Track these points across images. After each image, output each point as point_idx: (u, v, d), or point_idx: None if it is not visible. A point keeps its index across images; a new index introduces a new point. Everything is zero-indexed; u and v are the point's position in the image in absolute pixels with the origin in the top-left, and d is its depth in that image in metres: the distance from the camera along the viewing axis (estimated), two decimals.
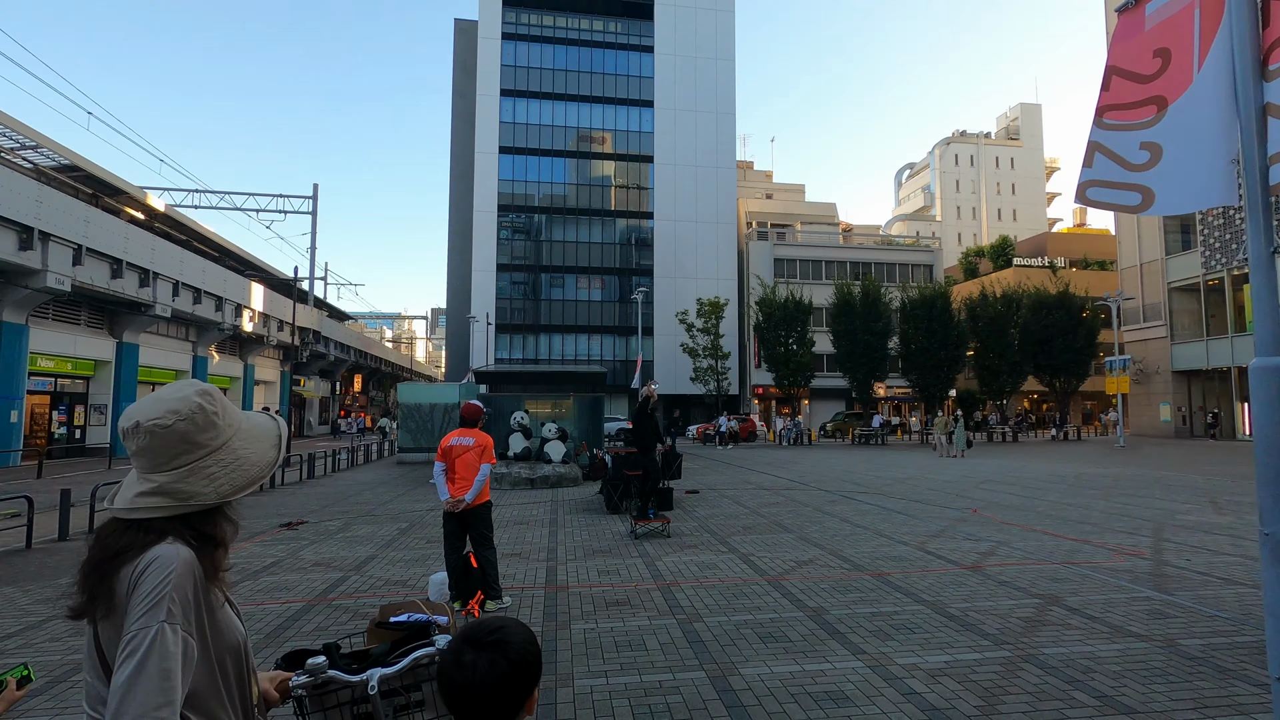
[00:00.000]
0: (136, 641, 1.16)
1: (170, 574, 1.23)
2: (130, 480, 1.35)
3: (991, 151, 71.11)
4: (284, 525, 9.66)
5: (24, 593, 6.26)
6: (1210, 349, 32.22)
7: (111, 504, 1.35)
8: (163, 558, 1.24)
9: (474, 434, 5.61)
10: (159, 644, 1.17)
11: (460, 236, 45.56)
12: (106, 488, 11.62)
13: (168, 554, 1.25)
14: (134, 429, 1.30)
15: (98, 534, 1.31)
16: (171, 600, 1.21)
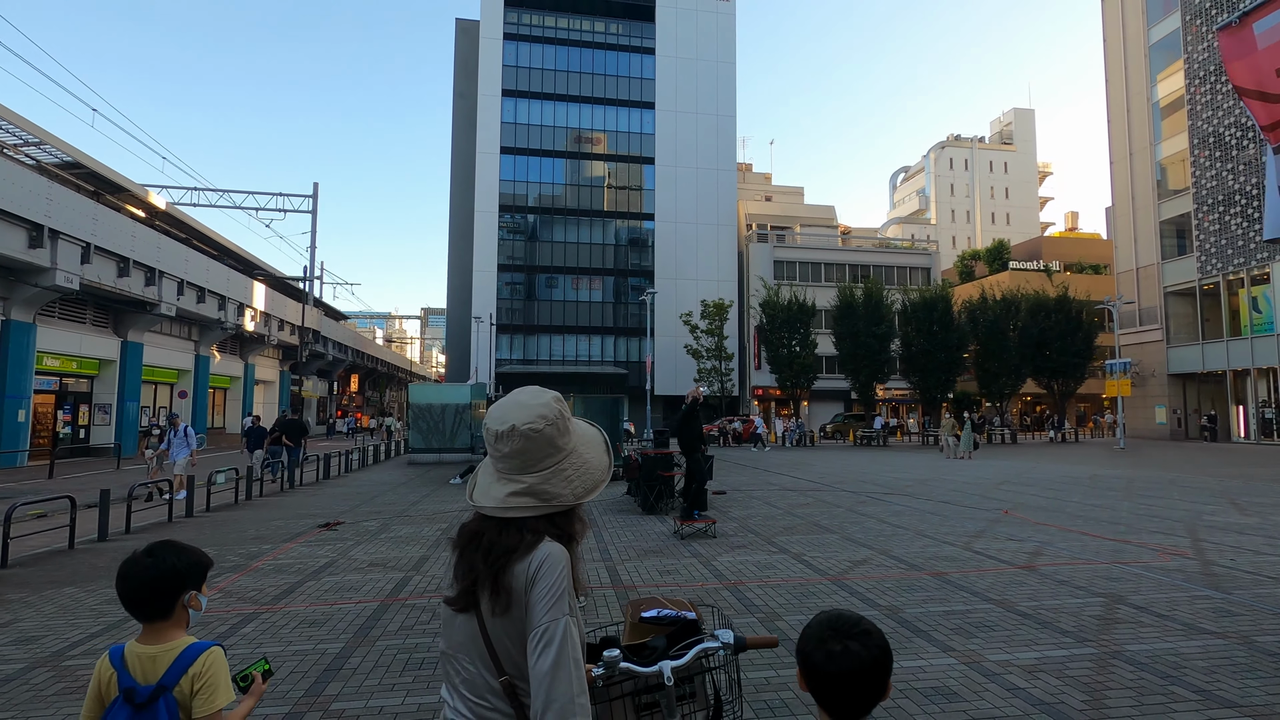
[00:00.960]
0: (550, 633, 1.24)
1: (563, 570, 1.30)
2: (489, 481, 1.42)
3: (985, 156, 71.78)
4: (322, 526, 9.66)
5: (88, 593, 6.25)
6: (1206, 352, 32.72)
7: (473, 501, 1.42)
8: (553, 555, 1.32)
9: None
10: (569, 635, 1.25)
11: (461, 237, 45.46)
12: (142, 487, 11.53)
13: (556, 551, 1.33)
14: (509, 432, 1.37)
15: (474, 532, 1.38)
16: (570, 594, 1.29)
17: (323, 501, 12.66)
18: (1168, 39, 35.06)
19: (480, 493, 1.41)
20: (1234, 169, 30.74)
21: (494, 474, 1.42)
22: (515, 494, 1.36)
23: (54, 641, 4.89)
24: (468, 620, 1.34)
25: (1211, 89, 31.90)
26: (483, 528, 1.37)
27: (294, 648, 4.69)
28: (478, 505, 1.40)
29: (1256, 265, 29.87)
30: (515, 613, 1.28)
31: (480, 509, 1.39)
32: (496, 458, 1.40)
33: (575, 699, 1.21)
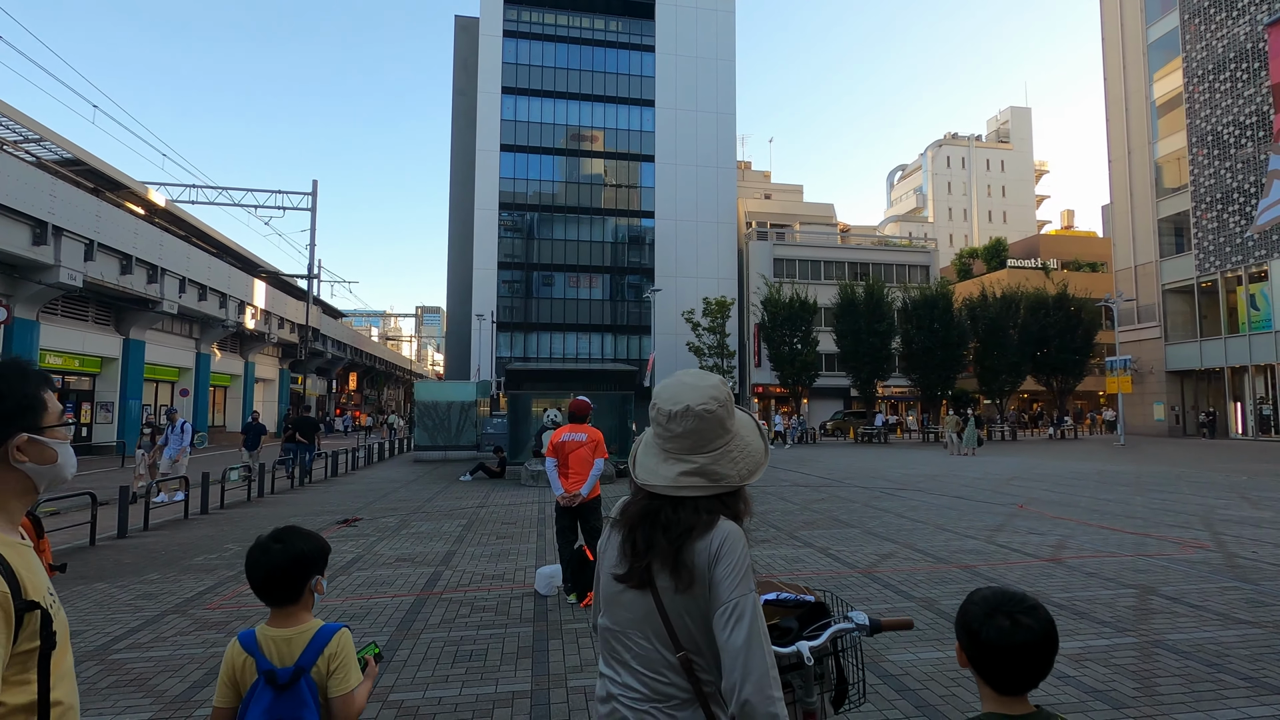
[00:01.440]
0: (740, 608, 1.26)
1: (744, 548, 1.33)
2: (655, 461, 1.43)
3: (982, 154, 71.99)
4: (340, 522, 9.66)
5: (120, 588, 6.25)
6: (1204, 350, 32.93)
7: (639, 479, 1.44)
8: (733, 533, 1.34)
9: (586, 429, 5.69)
10: (756, 609, 1.27)
11: (460, 234, 45.36)
12: (165, 480, 11.46)
13: (735, 530, 1.35)
14: (684, 412, 1.39)
15: (645, 511, 1.39)
16: (751, 571, 1.32)
17: (336, 498, 12.65)
18: (1166, 38, 35.24)
19: (647, 472, 1.43)
20: (1232, 167, 30.93)
21: (661, 454, 1.43)
22: (686, 473, 1.38)
23: (96, 636, 4.89)
24: (641, 597, 1.36)
25: (1210, 87, 32.08)
26: (655, 506, 1.39)
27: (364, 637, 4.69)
28: (647, 484, 1.41)
29: (1255, 263, 30.08)
30: (697, 590, 1.30)
31: (651, 487, 1.40)
32: (666, 437, 1.42)
33: (769, 671, 1.23)
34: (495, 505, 11.34)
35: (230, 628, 5.01)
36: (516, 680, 3.98)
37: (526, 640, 4.65)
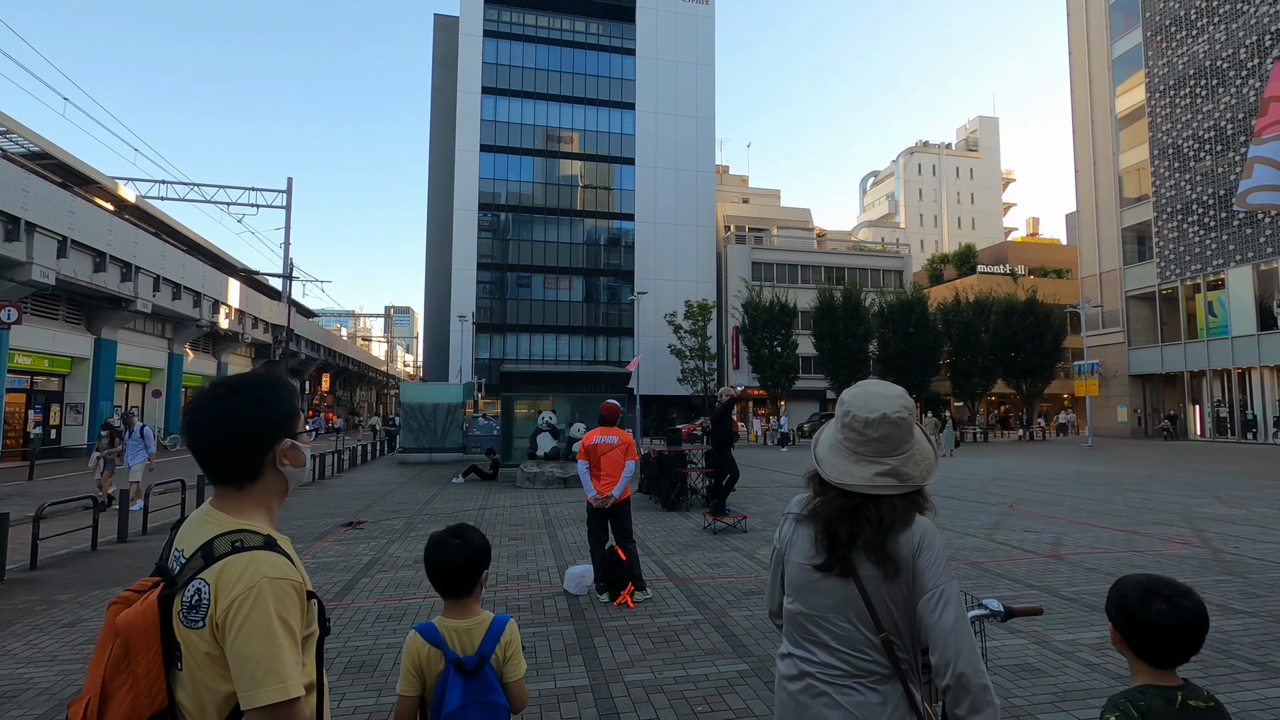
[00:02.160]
0: (946, 594, 1.42)
1: (941, 540, 1.49)
2: (846, 462, 1.58)
3: (952, 162, 73.69)
4: (346, 525, 9.62)
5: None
6: (1164, 354, 34.22)
7: (834, 479, 1.58)
8: (930, 528, 1.50)
9: (617, 432, 5.82)
10: (958, 595, 1.44)
11: (439, 235, 44.99)
12: (169, 484, 11.10)
13: (930, 525, 1.51)
14: (880, 419, 1.54)
15: (845, 508, 1.53)
16: (949, 561, 1.48)
17: (331, 501, 12.54)
18: (1130, 53, 36.57)
19: (840, 472, 1.58)
20: (1191, 179, 32.22)
21: (853, 455, 1.58)
22: (881, 474, 1.53)
23: None
24: (842, 584, 1.51)
25: (1171, 102, 33.39)
26: (854, 503, 1.53)
27: (384, 640, 4.76)
28: (843, 483, 1.56)
29: (1213, 271, 31.38)
30: (902, 578, 1.46)
31: (849, 486, 1.55)
32: (860, 441, 1.57)
33: (975, 648, 1.39)
34: (497, 507, 11.38)
35: None
36: (572, 676, 4.09)
37: (571, 638, 4.76)
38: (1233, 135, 30.18)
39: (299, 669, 1.21)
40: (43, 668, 4.33)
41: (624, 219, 45.33)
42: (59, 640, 4.87)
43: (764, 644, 4.58)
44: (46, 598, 6.04)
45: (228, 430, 1.31)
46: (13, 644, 4.81)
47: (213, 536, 1.27)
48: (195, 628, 1.20)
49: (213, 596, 1.20)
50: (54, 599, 6.00)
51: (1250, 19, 29.50)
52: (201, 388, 1.39)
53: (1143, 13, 35.06)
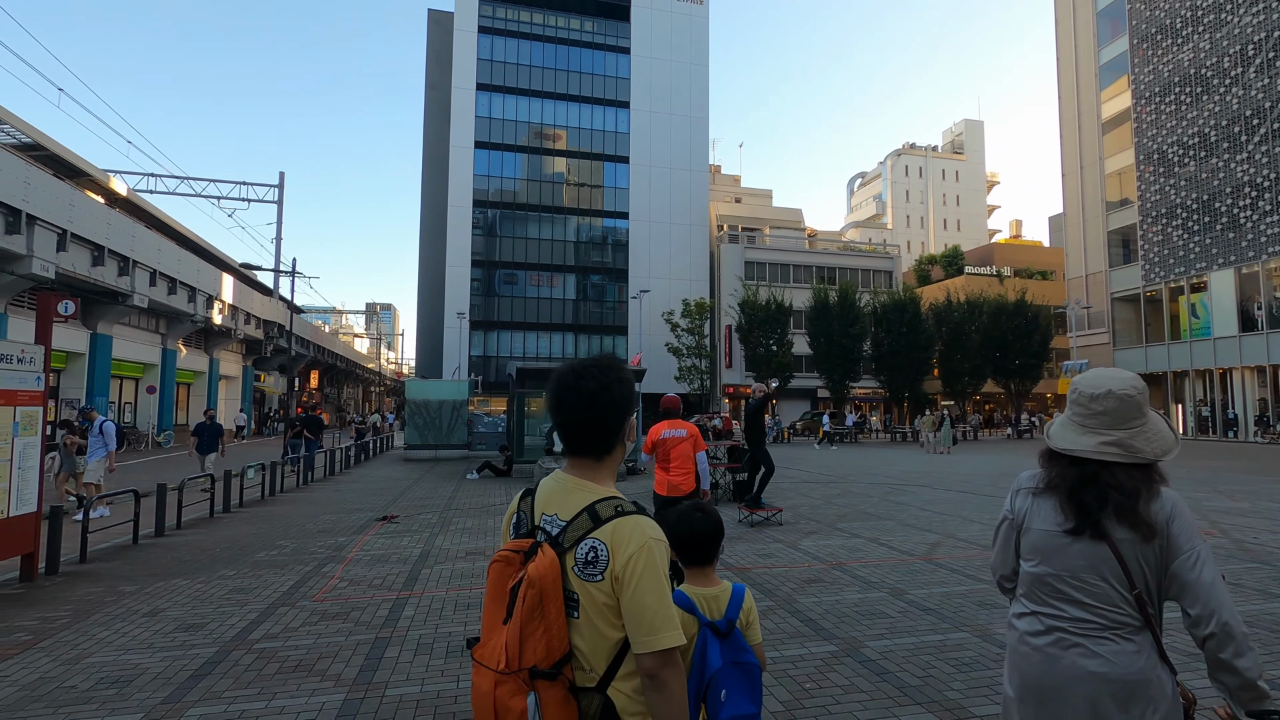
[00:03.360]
0: (1202, 555, 1.61)
1: (1188, 509, 1.67)
2: (1073, 433, 1.75)
3: (938, 164, 74.68)
4: (380, 520, 9.68)
5: (202, 584, 6.22)
6: (1149, 355, 35.08)
7: (1060, 446, 1.75)
8: (1179, 499, 1.68)
9: (683, 425, 5.97)
10: (1212, 557, 1.62)
11: (433, 231, 44.76)
12: (191, 480, 10.80)
13: (1178, 496, 1.69)
14: (1105, 394, 1.72)
15: (1085, 476, 1.70)
16: (1197, 526, 1.66)
17: (352, 497, 12.56)
18: (1116, 60, 37.40)
19: (1066, 441, 1.75)
20: (1175, 184, 33.06)
21: (1079, 428, 1.75)
22: (1105, 444, 1.71)
23: (222, 628, 4.93)
24: (1094, 547, 1.68)
25: (1156, 109, 34.21)
26: (1090, 471, 1.70)
27: (474, 628, 4.87)
28: (1068, 449, 1.73)
29: (1195, 274, 32.23)
30: (1156, 542, 1.64)
31: (1073, 452, 1.72)
32: (1085, 415, 1.74)
33: (1231, 601, 1.58)
34: None
35: (350, 618, 5.11)
36: None
37: None
38: (1216, 141, 31.01)
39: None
40: (144, 654, 4.39)
41: (618, 217, 45.42)
42: (146, 629, 4.92)
43: (843, 627, 4.77)
44: (111, 589, 6.07)
45: (599, 409, 1.47)
46: (102, 633, 4.86)
47: (592, 502, 1.42)
48: (594, 580, 1.35)
49: (610, 554, 1.35)
50: (119, 590, 6.03)
51: (1234, 28, 30.33)
52: (562, 373, 1.52)
53: (1129, 21, 35.86)
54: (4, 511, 6.02)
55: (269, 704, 3.64)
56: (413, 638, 4.67)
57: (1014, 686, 1.84)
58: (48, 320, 6.69)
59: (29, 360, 6.38)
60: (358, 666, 4.15)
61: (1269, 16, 28.86)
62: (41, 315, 6.72)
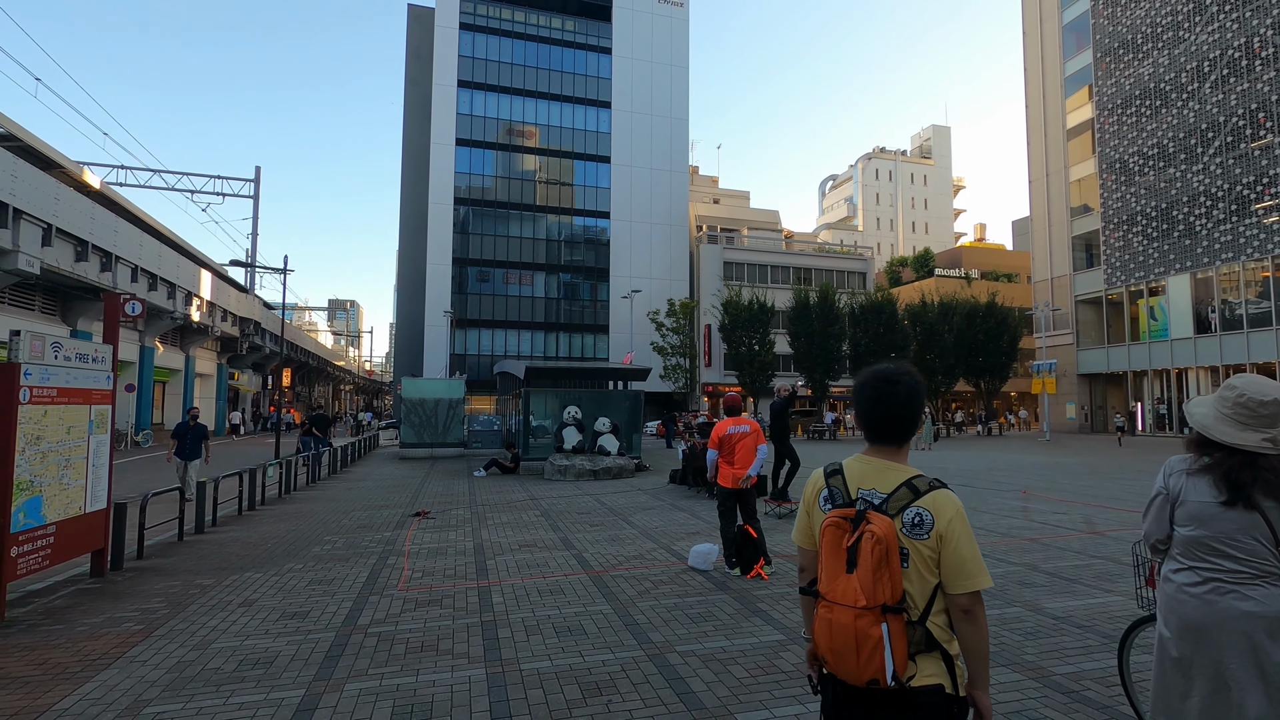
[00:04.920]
0: None
1: None
2: (1232, 429, 2.18)
3: (907, 168, 76.56)
4: (414, 515, 9.89)
5: (276, 576, 6.42)
6: (1110, 355, 36.75)
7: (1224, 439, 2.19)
8: None
9: (747, 422, 6.39)
10: None
11: (413, 229, 44.43)
12: (157, 495, 10.92)
13: None
14: (1273, 402, 2.17)
15: (1243, 462, 2.15)
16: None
17: (371, 494, 12.68)
18: (1080, 72, 39.01)
19: (1231, 437, 2.18)
20: (1136, 192, 34.70)
21: (1240, 426, 2.20)
22: (1266, 439, 2.16)
23: (322, 615, 5.18)
24: (1246, 514, 2.12)
25: (1118, 120, 35.82)
26: (1247, 459, 2.15)
27: (568, 609, 5.21)
28: (1237, 443, 2.18)
29: (1154, 279, 33.90)
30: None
31: (1243, 446, 2.17)
32: (1251, 416, 2.18)
33: None
34: (545, 498, 11.77)
35: (444, 604, 5.40)
36: (771, 631, 4.66)
37: (736, 605, 5.32)
38: (1174, 152, 32.66)
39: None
40: (267, 639, 4.63)
41: (600, 216, 45.69)
42: (253, 617, 5.14)
43: None
44: (188, 583, 6.23)
45: (908, 408, 1.87)
46: (211, 621, 5.07)
47: (908, 479, 1.81)
48: (921, 539, 1.75)
49: (934, 518, 1.75)
50: (198, 584, 6.19)
51: (1191, 45, 31.97)
52: (876, 378, 1.91)
53: (1093, 35, 37.45)
54: (81, 508, 6.15)
55: (418, 678, 3.94)
56: (516, 620, 4.99)
57: (1172, 628, 2.29)
58: (115, 320, 6.80)
59: (101, 359, 6.50)
60: (480, 646, 4.47)
61: (1223, 35, 30.52)
62: (109, 316, 6.82)
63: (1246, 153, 29.42)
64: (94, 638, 4.72)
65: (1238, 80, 29.85)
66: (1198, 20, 31.68)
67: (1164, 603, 2.34)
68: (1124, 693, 3.30)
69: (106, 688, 3.86)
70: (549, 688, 3.80)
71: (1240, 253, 29.66)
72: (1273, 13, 28.49)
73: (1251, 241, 29.17)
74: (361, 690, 3.78)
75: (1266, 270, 28.89)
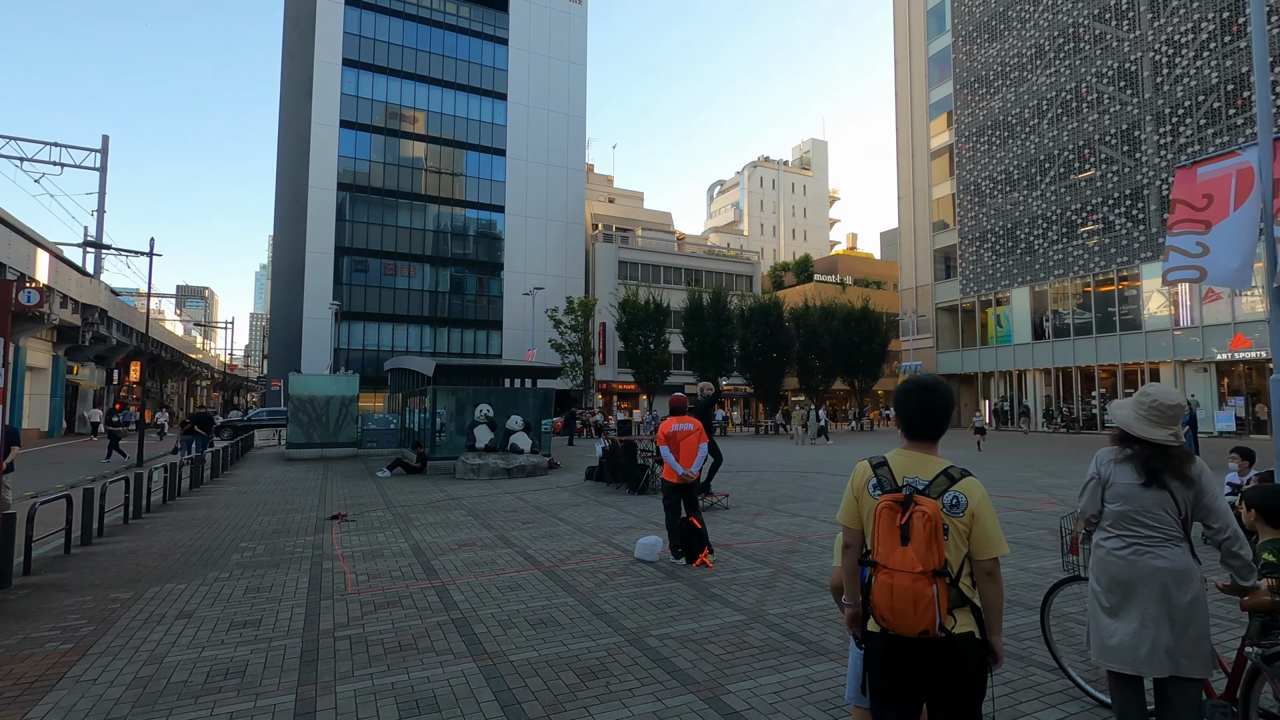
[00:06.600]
0: (1218, 493, 2.70)
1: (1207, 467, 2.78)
2: (1146, 426, 2.79)
3: (789, 178, 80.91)
4: (332, 518, 9.50)
5: (206, 585, 6.06)
6: (964, 358, 40.91)
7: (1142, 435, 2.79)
8: (1203, 461, 2.78)
9: (690, 420, 6.78)
10: (1224, 495, 2.74)
11: (290, 214, 41.46)
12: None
13: (1201, 460, 2.79)
14: (1178, 405, 2.78)
15: (1154, 449, 2.75)
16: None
17: (271, 499, 11.94)
18: (942, 100, 43.07)
19: (1146, 431, 2.78)
20: (987, 212, 38.86)
21: (1151, 424, 2.81)
22: (1170, 435, 2.79)
23: (277, 622, 5.01)
24: (1157, 492, 2.73)
25: (973, 146, 39.93)
26: (1157, 450, 2.76)
27: (535, 603, 5.36)
28: (1151, 437, 2.78)
29: (1000, 290, 38.15)
30: (1192, 490, 2.72)
31: (1156, 440, 2.77)
32: (1160, 416, 2.79)
33: (1235, 519, 2.70)
34: (465, 498, 11.63)
35: (406, 605, 5.38)
36: (731, 613, 5.06)
37: (690, 590, 5.69)
38: (1018, 179, 36.91)
39: None
40: (227, 650, 4.44)
41: (494, 210, 44.84)
42: (200, 629, 4.87)
43: None
44: (102, 597, 5.74)
45: (947, 412, 2.29)
46: (153, 635, 4.75)
47: (945, 468, 2.23)
48: (957, 516, 2.16)
49: (968, 499, 2.17)
50: (116, 598, 5.72)
51: (1033, 85, 36.25)
52: (921, 387, 2.31)
53: (954, 69, 41.48)
54: None
55: (410, 675, 3.98)
56: (486, 616, 5.08)
57: (1103, 584, 2.88)
58: (6, 310, 6.09)
59: None
60: (460, 642, 4.54)
61: (1058, 79, 34.87)
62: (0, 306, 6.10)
63: (1075, 183, 33.83)
64: (18, 660, 4.32)
65: (1069, 119, 34.24)
66: (1039, 64, 35.98)
67: (1095, 564, 2.93)
68: (1044, 642, 3.98)
69: (63, 710, 3.60)
70: (545, 675, 3.97)
71: (1069, 270, 34.06)
72: (1097, 63, 32.95)
73: (1078, 261, 33.58)
74: (356, 690, 3.78)
75: (1089, 286, 33.39)
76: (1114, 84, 32.11)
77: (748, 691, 3.73)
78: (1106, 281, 32.63)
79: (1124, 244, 31.47)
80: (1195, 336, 29.06)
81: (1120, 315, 32.05)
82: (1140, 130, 30.88)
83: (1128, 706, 2.80)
